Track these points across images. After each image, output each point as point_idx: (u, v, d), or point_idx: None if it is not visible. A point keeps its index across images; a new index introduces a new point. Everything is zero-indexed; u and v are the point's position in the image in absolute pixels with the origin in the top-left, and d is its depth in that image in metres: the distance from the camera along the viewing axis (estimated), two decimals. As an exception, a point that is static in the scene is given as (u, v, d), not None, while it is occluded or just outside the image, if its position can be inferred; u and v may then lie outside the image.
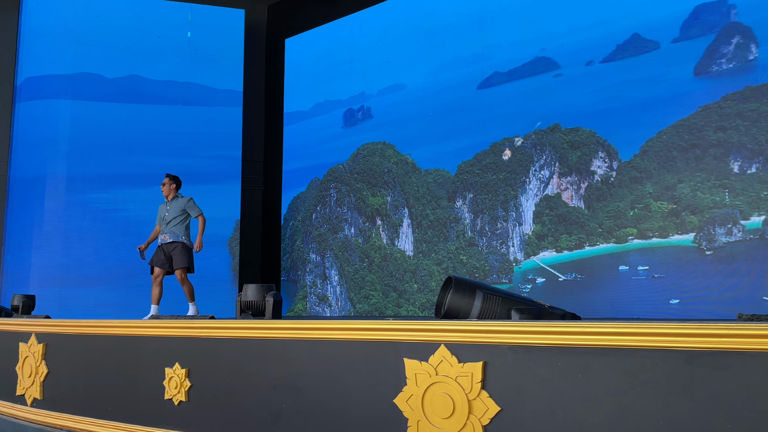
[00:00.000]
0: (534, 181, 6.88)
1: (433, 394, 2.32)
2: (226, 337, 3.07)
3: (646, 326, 1.94)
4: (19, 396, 4.23)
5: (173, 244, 6.33)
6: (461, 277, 2.65)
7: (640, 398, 1.94)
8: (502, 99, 7.27)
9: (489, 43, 7.47)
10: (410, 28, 8.36)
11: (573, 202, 6.56)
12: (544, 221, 6.73)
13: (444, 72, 7.91)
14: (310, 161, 9.36)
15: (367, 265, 8.36)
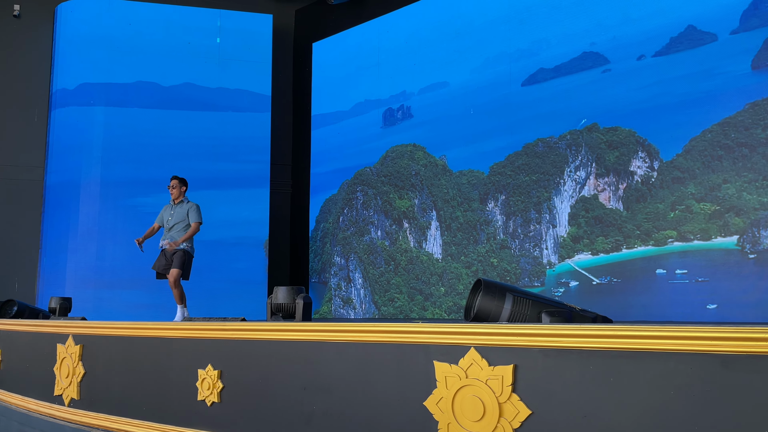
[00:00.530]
0: (569, 182, 6.78)
1: (463, 396, 2.32)
2: (256, 339, 3.11)
3: (679, 329, 1.91)
4: (57, 396, 4.34)
5: (174, 250, 6.17)
6: (491, 280, 2.64)
7: (673, 403, 1.91)
8: (545, 96, 7.13)
9: (536, 38, 7.28)
10: (459, 23, 8.20)
11: (610, 203, 6.43)
12: (580, 223, 6.63)
13: (488, 69, 7.77)
14: (343, 163, 9.43)
15: (392, 268, 8.37)
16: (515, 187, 7.22)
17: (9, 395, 5.02)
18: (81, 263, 8.74)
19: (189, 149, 9.26)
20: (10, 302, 6.30)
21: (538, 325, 2.24)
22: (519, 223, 7.13)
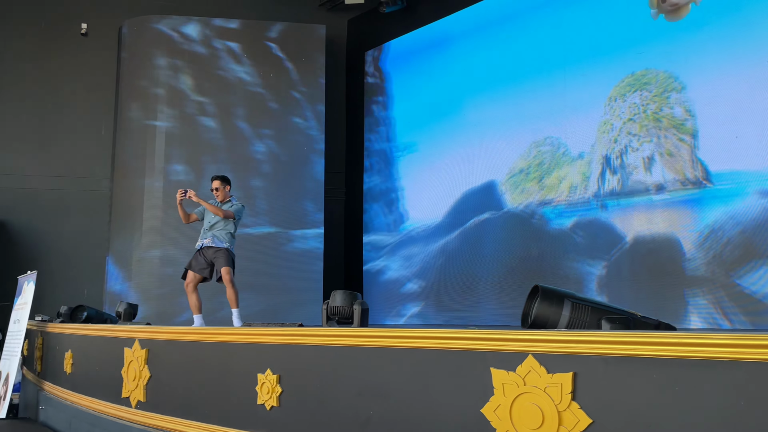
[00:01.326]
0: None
1: (521, 404, 2.29)
2: (314, 344, 3.15)
3: (750, 337, 1.84)
4: (124, 398, 4.51)
5: (216, 250, 5.73)
6: (548, 286, 2.60)
7: (745, 415, 1.83)
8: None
9: (594, 40, 7.47)
10: (512, 27, 8.34)
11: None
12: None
13: (543, 71, 7.94)
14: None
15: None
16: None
17: (80, 397, 5.25)
18: (145, 270, 9.06)
19: (247, 157, 9.50)
20: (81, 308, 6.61)
21: (598, 332, 2.20)
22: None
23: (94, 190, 9.99)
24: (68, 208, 9.95)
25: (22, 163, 9.91)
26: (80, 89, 10.18)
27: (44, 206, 9.87)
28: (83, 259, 9.83)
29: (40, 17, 10.18)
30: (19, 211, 9.79)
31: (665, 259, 6.60)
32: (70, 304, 7.22)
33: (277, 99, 9.73)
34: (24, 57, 10.06)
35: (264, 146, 9.59)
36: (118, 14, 10.10)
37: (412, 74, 9.47)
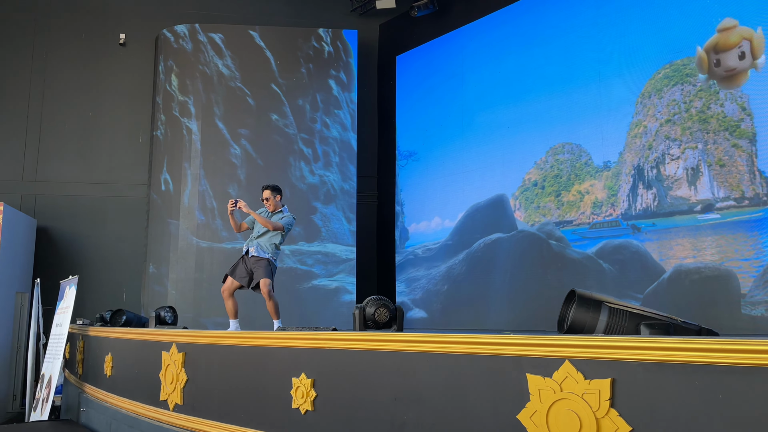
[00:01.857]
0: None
1: (558, 410, 2.26)
2: (348, 348, 3.16)
3: (797, 344, 1.78)
4: (162, 401, 4.59)
5: (257, 259, 5.62)
6: (585, 291, 2.56)
7: (792, 423, 1.77)
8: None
9: (626, 42, 6.73)
10: (545, 30, 7.85)
11: None
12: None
13: (575, 75, 7.37)
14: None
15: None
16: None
17: (120, 399, 5.36)
18: (181, 275, 9.22)
19: (279, 163, 9.59)
20: (120, 312, 6.75)
21: (637, 338, 2.15)
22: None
23: (132, 196, 10.21)
24: (108, 215, 10.19)
25: (64, 171, 10.19)
26: (119, 98, 10.44)
27: (85, 213, 10.13)
28: (122, 264, 10.05)
29: (80, 29, 10.47)
30: (61, 218, 10.06)
31: (716, 296, 5.45)
32: (109, 308, 7.39)
33: (314, 106, 9.81)
34: (65, 68, 10.36)
35: (298, 149, 9.68)
36: (155, 24, 10.33)
37: (442, 78, 9.41)
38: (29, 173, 10.11)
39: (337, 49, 9.99)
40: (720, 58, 5.81)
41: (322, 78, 9.87)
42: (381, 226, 10.30)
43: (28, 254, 9.56)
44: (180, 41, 9.84)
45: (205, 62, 9.70)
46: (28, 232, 9.55)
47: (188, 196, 9.41)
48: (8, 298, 8.67)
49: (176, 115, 9.69)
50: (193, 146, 9.52)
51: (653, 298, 5.79)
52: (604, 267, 6.51)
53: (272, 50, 9.83)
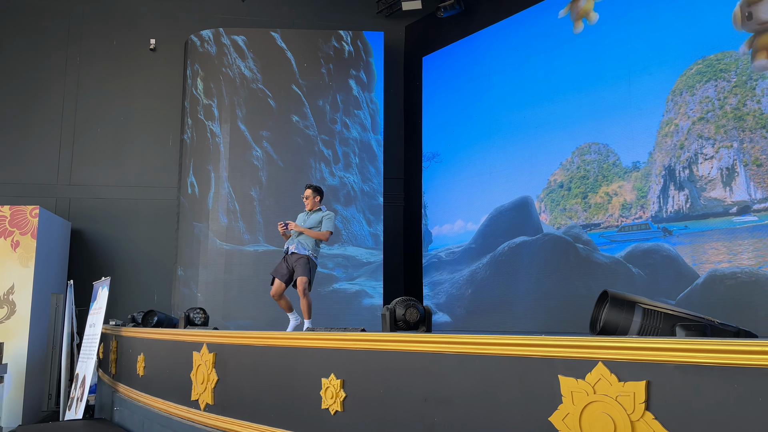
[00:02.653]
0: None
1: (591, 413, 2.22)
2: (377, 349, 3.16)
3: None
4: (193, 401, 4.64)
5: (298, 257, 5.77)
6: (618, 292, 2.52)
7: (836, 427, 1.72)
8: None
9: (656, 40, 6.59)
10: (571, 28, 7.67)
11: None
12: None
13: (605, 74, 7.22)
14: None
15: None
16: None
17: (152, 399, 5.44)
18: (210, 277, 9.34)
19: (300, 164, 9.63)
20: (151, 313, 6.86)
21: (672, 339, 2.11)
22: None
23: (163, 199, 10.37)
24: (139, 218, 10.37)
25: (97, 175, 10.40)
26: (149, 103, 10.62)
27: (117, 216, 10.32)
28: (153, 266, 10.21)
29: (112, 35, 10.68)
30: (94, 220, 10.27)
31: (753, 302, 5.22)
32: (141, 309, 7.51)
33: (334, 107, 9.85)
34: (98, 74, 10.58)
35: (323, 152, 9.73)
36: (185, 29, 10.49)
37: (468, 79, 9.36)
38: (64, 177, 10.33)
39: (357, 49, 10.02)
40: (752, 11, 5.60)
41: (342, 78, 9.91)
42: (407, 229, 10.29)
43: (62, 256, 9.78)
44: (205, 45, 9.97)
45: (228, 65, 9.81)
46: (62, 235, 9.77)
47: (212, 198, 9.52)
48: (44, 299, 8.88)
49: (201, 119, 9.82)
50: (217, 149, 9.63)
51: (686, 304, 5.61)
52: (633, 272, 6.34)
53: (293, 51, 9.90)
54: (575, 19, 6.75)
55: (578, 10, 6.94)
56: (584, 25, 7.19)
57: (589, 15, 6.79)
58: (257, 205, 9.47)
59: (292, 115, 9.75)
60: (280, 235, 6.00)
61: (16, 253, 8.49)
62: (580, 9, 6.95)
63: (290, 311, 5.95)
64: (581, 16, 6.82)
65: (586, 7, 7.02)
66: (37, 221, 8.62)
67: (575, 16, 6.79)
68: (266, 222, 9.40)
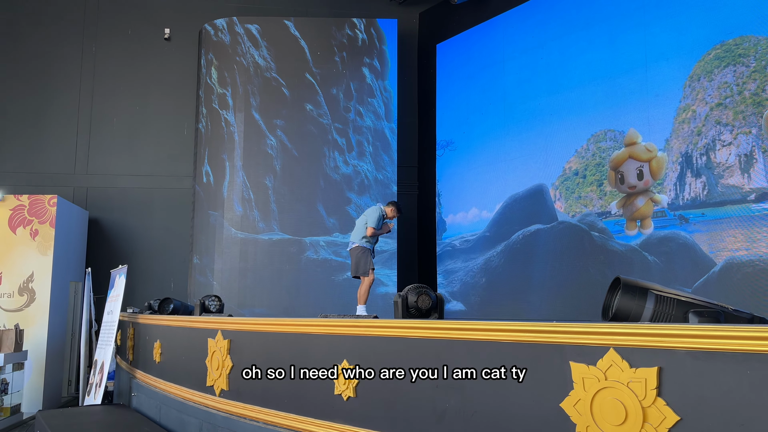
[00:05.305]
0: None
1: (602, 399, 2.22)
2: (390, 335, 3.18)
3: None
4: (209, 387, 4.70)
5: (352, 249, 6.58)
6: (630, 278, 2.51)
7: None
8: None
9: (672, 24, 6.51)
10: (587, 13, 7.64)
11: None
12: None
13: (620, 59, 7.14)
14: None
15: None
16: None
17: (168, 385, 5.52)
18: (225, 265, 9.41)
19: (314, 153, 9.64)
20: (167, 300, 6.93)
21: (685, 326, 2.09)
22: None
23: (179, 188, 10.45)
24: (155, 206, 10.46)
25: (113, 164, 10.50)
26: (164, 92, 10.67)
27: (134, 204, 10.42)
28: (169, 254, 10.32)
29: (127, 25, 10.73)
30: (111, 209, 10.38)
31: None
32: (157, 297, 7.60)
33: (348, 95, 9.83)
34: (113, 64, 10.65)
35: (337, 141, 9.73)
36: (199, 18, 10.51)
37: (482, 66, 9.30)
38: (81, 167, 10.45)
39: (371, 36, 9.97)
40: (623, 173, 6.35)
41: (355, 66, 9.88)
42: (422, 217, 10.28)
43: (80, 245, 9.90)
44: (219, 34, 9.99)
45: (242, 54, 9.82)
46: (80, 224, 9.89)
47: (227, 187, 9.58)
48: (63, 287, 9.01)
49: (215, 108, 9.85)
50: (231, 138, 9.67)
51: (702, 292, 5.55)
52: (649, 259, 6.29)
53: (306, 40, 9.88)
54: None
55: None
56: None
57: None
58: (271, 193, 9.51)
59: (305, 104, 9.75)
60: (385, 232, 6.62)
61: (35, 241, 8.61)
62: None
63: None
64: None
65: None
66: (55, 210, 8.74)
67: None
68: (280, 210, 9.44)
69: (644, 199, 6.53)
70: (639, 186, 6.50)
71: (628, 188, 6.64)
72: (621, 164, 6.86)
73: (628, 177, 6.66)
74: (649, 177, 6.45)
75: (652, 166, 6.44)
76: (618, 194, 6.85)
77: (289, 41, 9.88)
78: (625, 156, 6.81)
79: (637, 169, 6.57)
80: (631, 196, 6.70)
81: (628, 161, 6.74)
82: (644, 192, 6.52)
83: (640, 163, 6.57)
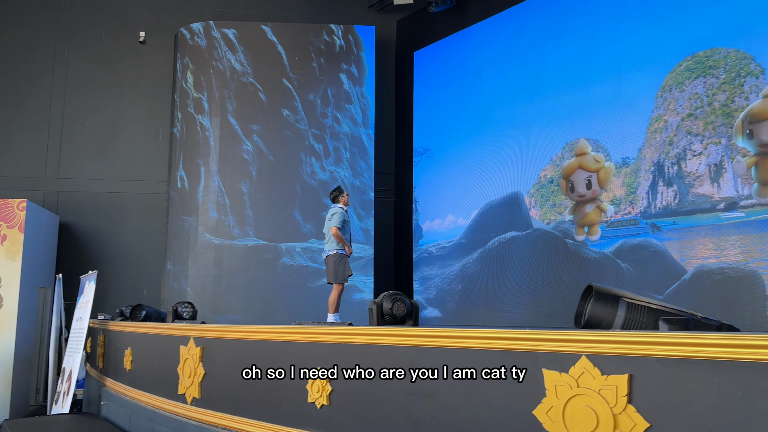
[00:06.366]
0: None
1: (574, 406, 2.23)
2: (364, 343, 3.16)
3: (820, 340, 1.73)
4: (180, 395, 4.63)
5: (328, 257, 6.74)
6: (602, 286, 2.53)
7: (815, 420, 1.73)
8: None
9: (645, 34, 6.64)
10: (563, 23, 7.75)
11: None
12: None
13: (594, 69, 7.27)
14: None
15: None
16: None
17: (139, 393, 5.42)
18: (199, 271, 9.30)
19: (290, 159, 9.59)
20: (139, 307, 6.82)
21: (655, 333, 2.12)
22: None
23: (153, 193, 10.32)
24: (128, 211, 10.31)
25: (85, 168, 10.33)
26: (139, 96, 10.54)
27: (106, 209, 10.25)
28: (142, 260, 10.16)
29: (101, 28, 10.58)
30: (82, 214, 10.20)
31: (739, 297, 5.28)
32: (129, 303, 7.47)
33: (325, 101, 9.82)
34: (87, 66, 10.49)
35: (314, 146, 9.70)
36: (175, 22, 10.41)
37: (460, 74, 9.35)
38: (52, 170, 10.26)
39: (348, 43, 9.98)
40: (573, 182, 6.99)
41: (333, 72, 9.87)
42: (398, 224, 10.29)
43: (50, 250, 9.71)
44: (195, 38, 9.91)
45: (219, 58, 9.75)
46: (50, 229, 9.70)
47: (202, 192, 9.48)
48: (31, 293, 8.82)
49: (191, 112, 9.76)
50: (207, 143, 9.58)
51: (674, 299, 5.66)
52: (622, 267, 6.40)
53: (284, 45, 9.85)
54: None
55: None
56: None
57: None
58: (247, 199, 9.44)
59: (282, 109, 9.71)
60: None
61: (3, 246, 8.42)
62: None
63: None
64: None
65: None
66: (24, 214, 8.56)
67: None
68: (256, 216, 9.37)
69: (592, 207, 6.89)
70: (587, 195, 6.89)
71: (577, 197, 7.03)
72: (571, 174, 7.23)
73: (577, 186, 7.03)
74: (596, 186, 6.85)
75: (599, 175, 6.83)
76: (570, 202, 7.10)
77: (266, 46, 9.83)
78: (575, 166, 7.16)
79: (585, 179, 6.95)
80: (580, 203, 7.03)
81: (578, 171, 7.10)
82: (592, 200, 6.91)
83: (588, 173, 6.95)
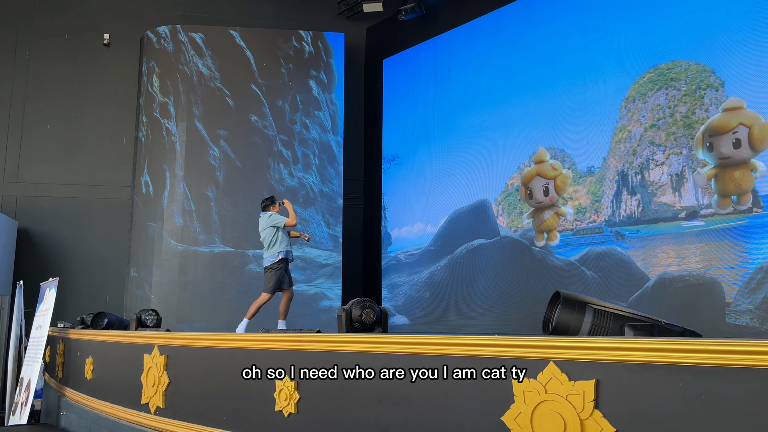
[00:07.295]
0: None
1: (542, 412, 2.25)
2: (332, 350, 3.14)
3: (779, 345, 1.78)
4: (143, 404, 4.53)
5: (267, 267, 6.78)
6: (569, 292, 2.56)
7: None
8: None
9: (611, 46, 6.80)
10: (530, 34, 7.85)
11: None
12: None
13: (561, 79, 7.40)
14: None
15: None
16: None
17: (100, 403, 5.28)
18: (164, 278, 9.13)
19: (258, 165, 9.49)
20: (101, 314, 6.66)
21: (621, 339, 2.15)
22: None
23: (116, 198, 10.11)
24: (91, 217, 10.07)
25: (46, 172, 10.06)
26: (103, 99, 10.33)
27: (67, 215, 10.00)
28: (104, 267, 9.93)
29: (64, 29, 10.36)
30: (42, 219, 9.93)
31: (700, 305, 5.38)
32: (91, 311, 7.29)
33: (294, 107, 9.77)
34: (49, 68, 10.24)
35: (282, 152, 9.63)
36: (140, 25, 10.25)
37: (428, 82, 9.41)
38: (10, 174, 9.97)
39: (317, 49, 9.96)
40: (532, 189, 7.33)
41: (302, 79, 9.83)
42: (367, 231, 10.28)
43: (8, 256, 9.42)
44: (162, 42, 9.77)
45: (186, 62, 9.63)
46: (8, 234, 9.41)
47: (167, 198, 9.32)
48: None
49: (156, 116, 9.61)
50: (173, 148, 9.44)
51: (637, 306, 5.76)
52: (587, 274, 6.51)
53: (252, 50, 9.78)
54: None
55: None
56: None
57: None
58: (213, 205, 9.31)
59: (250, 115, 9.62)
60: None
61: (-42, 252, 8.13)
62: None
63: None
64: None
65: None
66: (-19, 219, 8.28)
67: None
68: (222, 223, 9.25)
69: (551, 213, 7.11)
70: (545, 201, 7.14)
71: (535, 203, 7.27)
72: (530, 181, 7.46)
73: (535, 192, 7.27)
74: (554, 193, 7.09)
75: (557, 183, 7.07)
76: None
77: (234, 51, 9.74)
78: (533, 173, 7.37)
79: (543, 185, 7.19)
80: (538, 210, 7.23)
81: (536, 178, 7.31)
82: (550, 206, 7.14)
83: (546, 180, 7.18)
